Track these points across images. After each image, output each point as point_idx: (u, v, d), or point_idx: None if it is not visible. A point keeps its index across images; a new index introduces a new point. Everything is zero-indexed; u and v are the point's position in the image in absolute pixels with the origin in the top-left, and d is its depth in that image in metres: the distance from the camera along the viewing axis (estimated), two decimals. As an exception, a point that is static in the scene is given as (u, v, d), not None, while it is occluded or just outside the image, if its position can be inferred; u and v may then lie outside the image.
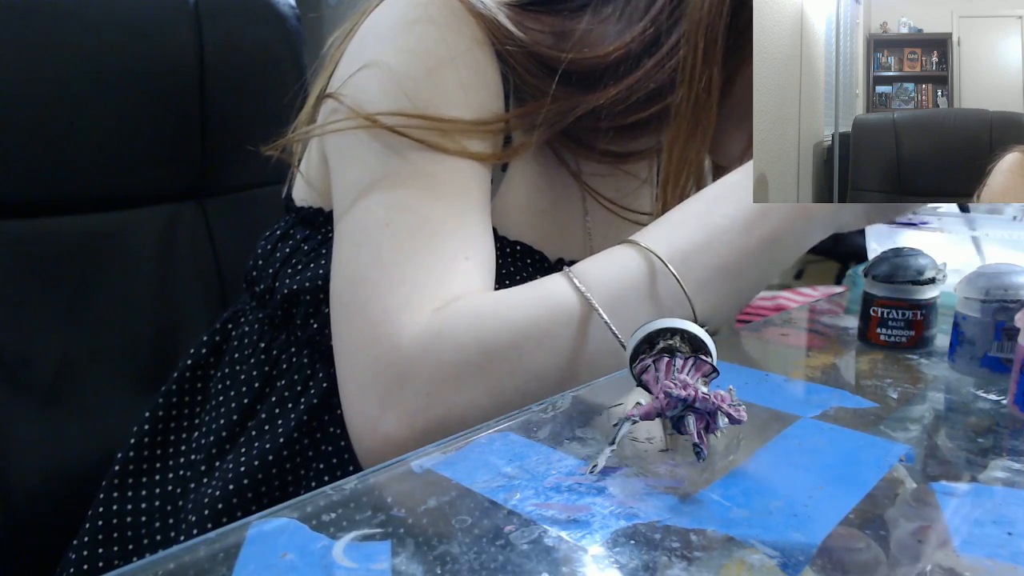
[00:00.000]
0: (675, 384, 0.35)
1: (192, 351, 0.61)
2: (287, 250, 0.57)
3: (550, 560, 0.28)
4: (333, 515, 0.31)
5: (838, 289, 0.76)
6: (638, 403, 0.36)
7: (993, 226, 0.65)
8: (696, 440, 0.34)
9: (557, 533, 0.29)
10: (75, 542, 0.55)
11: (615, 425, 0.35)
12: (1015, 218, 0.67)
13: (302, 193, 0.59)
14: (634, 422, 0.35)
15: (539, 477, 0.34)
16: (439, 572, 0.27)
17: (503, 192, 0.57)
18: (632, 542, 0.29)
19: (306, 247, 0.56)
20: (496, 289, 0.50)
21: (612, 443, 0.35)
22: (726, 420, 0.35)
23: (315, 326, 0.54)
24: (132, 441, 0.58)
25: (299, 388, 0.54)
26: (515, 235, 0.57)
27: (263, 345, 0.57)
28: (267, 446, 0.53)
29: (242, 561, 0.28)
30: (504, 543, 0.29)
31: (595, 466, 0.34)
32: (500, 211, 0.56)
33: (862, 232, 0.75)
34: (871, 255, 0.69)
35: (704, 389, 0.35)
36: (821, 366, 0.51)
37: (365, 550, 0.28)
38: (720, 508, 0.31)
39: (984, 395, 0.44)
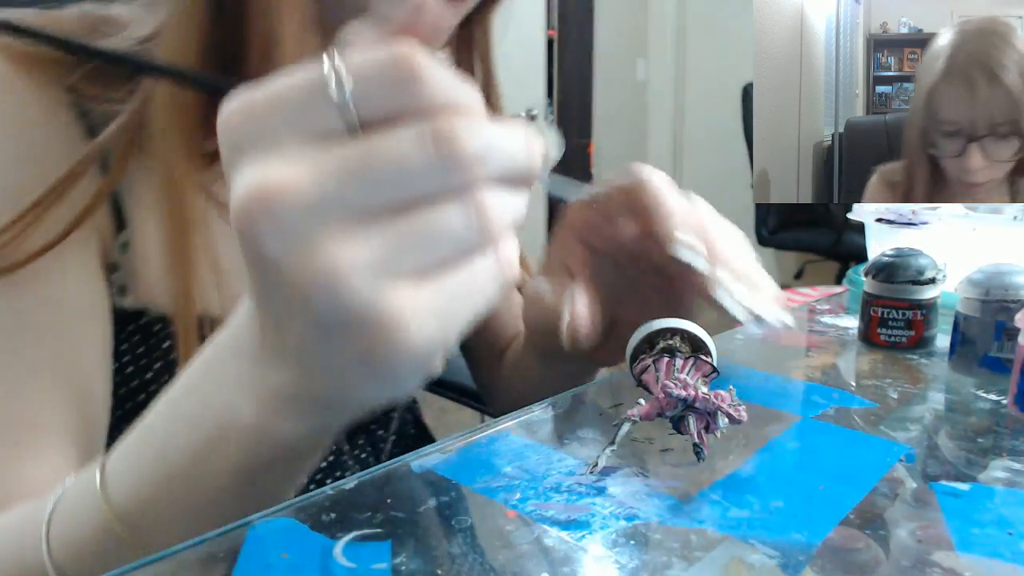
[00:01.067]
0: (675, 384, 0.35)
1: None
2: None
3: (550, 560, 0.28)
4: (333, 515, 0.31)
5: (838, 289, 0.76)
6: (638, 403, 0.36)
7: (993, 226, 0.65)
8: (696, 440, 0.34)
9: (557, 533, 0.29)
10: None
11: (615, 425, 0.35)
12: (1015, 218, 0.67)
13: None
14: (634, 422, 0.35)
15: (539, 477, 0.34)
16: (439, 572, 0.27)
17: (139, 249, 0.46)
18: (632, 542, 0.29)
19: None
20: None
21: (612, 443, 0.35)
22: (726, 420, 0.35)
23: None
24: None
25: None
26: (151, 298, 0.46)
27: None
28: None
29: (242, 561, 0.28)
30: (504, 543, 0.29)
31: (595, 466, 0.34)
32: (136, 274, 0.46)
33: (862, 232, 0.75)
34: (871, 255, 0.69)
35: (704, 389, 0.35)
36: (821, 366, 0.51)
37: (365, 550, 0.28)
38: (720, 508, 0.31)
39: (984, 395, 0.44)
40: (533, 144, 0.25)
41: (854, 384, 0.47)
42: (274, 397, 0.29)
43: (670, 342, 0.39)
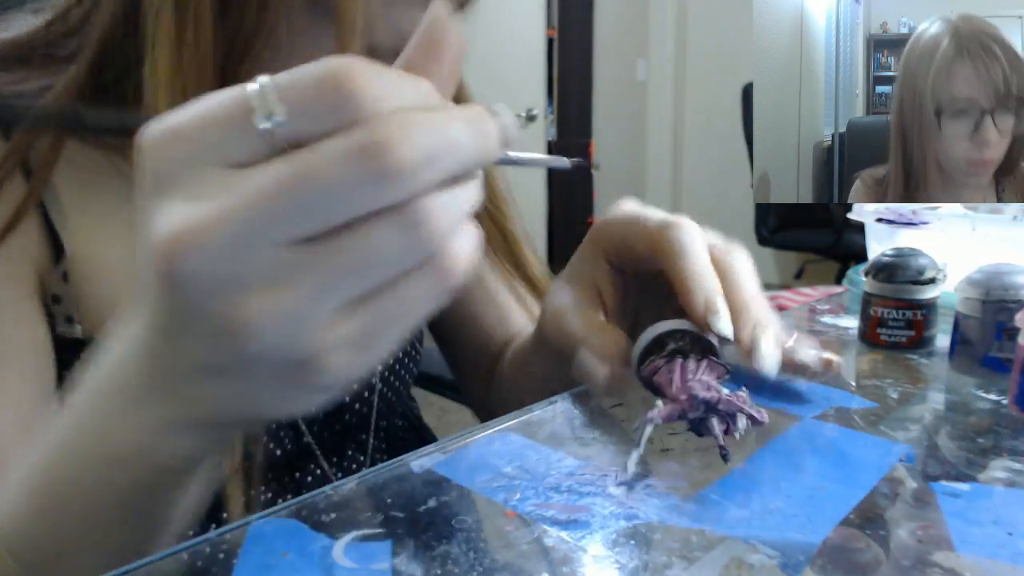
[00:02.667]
0: (700, 385, 0.35)
1: None
2: None
3: (550, 560, 0.28)
4: (333, 515, 0.31)
5: (838, 289, 0.76)
6: (656, 405, 0.35)
7: (993, 226, 0.65)
8: (721, 443, 0.34)
9: (557, 533, 0.29)
10: None
11: (636, 429, 0.35)
12: (1015, 218, 0.67)
13: None
14: (656, 425, 0.35)
15: (539, 477, 0.34)
16: (439, 572, 0.27)
17: (81, 276, 0.45)
18: (632, 542, 0.29)
19: None
20: None
21: (638, 446, 0.34)
22: (745, 422, 0.35)
23: None
24: None
25: None
26: (102, 326, 0.44)
27: None
28: None
29: (242, 561, 0.28)
30: (504, 543, 0.29)
31: (625, 472, 0.33)
32: (82, 302, 0.45)
33: (862, 232, 0.75)
34: (871, 255, 0.69)
35: (726, 391, 0.35)
36: (821, 366, 0.51)
37: (365, 550, 0.28)
38: (720, 508, 0.31)
39: (984, 395, 0.44)
40: (485, 131, 0.23)
41: (854, 384, 0.47)
42: (163, 425, 0.27)
43: (681, 344, 0.39)
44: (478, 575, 0.27)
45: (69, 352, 0.45)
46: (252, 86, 0.21)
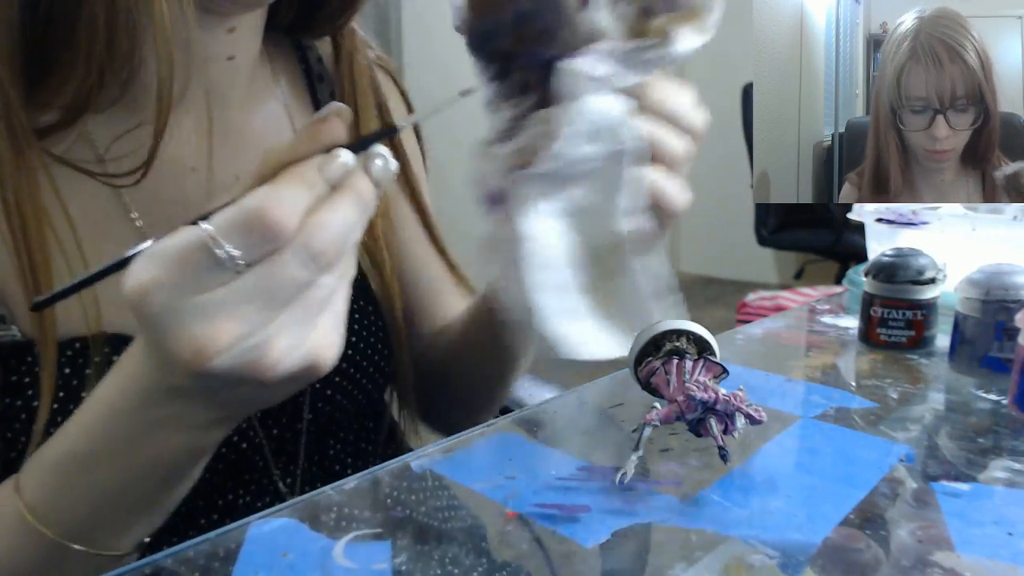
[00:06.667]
0: (696, 387, 0.35)
1: None
2: None
3: (550, 560, 0.28)
4: (333, 515, 0.31)
5: (838, 289, 0.76)
6: (654, 407, 0.35)
7: (993, 226, 0.65)
8: (720, 443, 0.34)
9: (557, 533, 0.29)
10: None
11: (635, 431, 0.35)
12: (1015, 218, 0.67)
13: None
14: (655, 427, 0.35)
15: (539, 477, 0.34)
16: (439, 572, 0.27)
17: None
18: (632, 542, 0.29)
19: None
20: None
21: (637, 449, 0.34)
22: (744, 421, 0.35)
23: None
24: None
25: None
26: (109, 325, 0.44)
27: None
28: None
29: (242, 561, 0.28)
30: (504, 543, 0.29)
31: (624, 474, 0.33)
32: (10, 300, 0.42)
33: (862, 232, 0.75)
34: (871, 255, 0.69)
35: (723, 391, 0.35)
36: (821, 366, 0.51)
37: (365, 550, 0.28)
38: (720, 508, 0.31)
39: (984, 395, 0.44)
40: (363, 194, 0.31)
41: (854, 384, 0.47)
42: (205, 425, 0.35)
43: (677, 344, 0.39)
44: (478, 575, 0.27)
45: (18, 355, 0.42)
46: (201, 232, 0.29)
